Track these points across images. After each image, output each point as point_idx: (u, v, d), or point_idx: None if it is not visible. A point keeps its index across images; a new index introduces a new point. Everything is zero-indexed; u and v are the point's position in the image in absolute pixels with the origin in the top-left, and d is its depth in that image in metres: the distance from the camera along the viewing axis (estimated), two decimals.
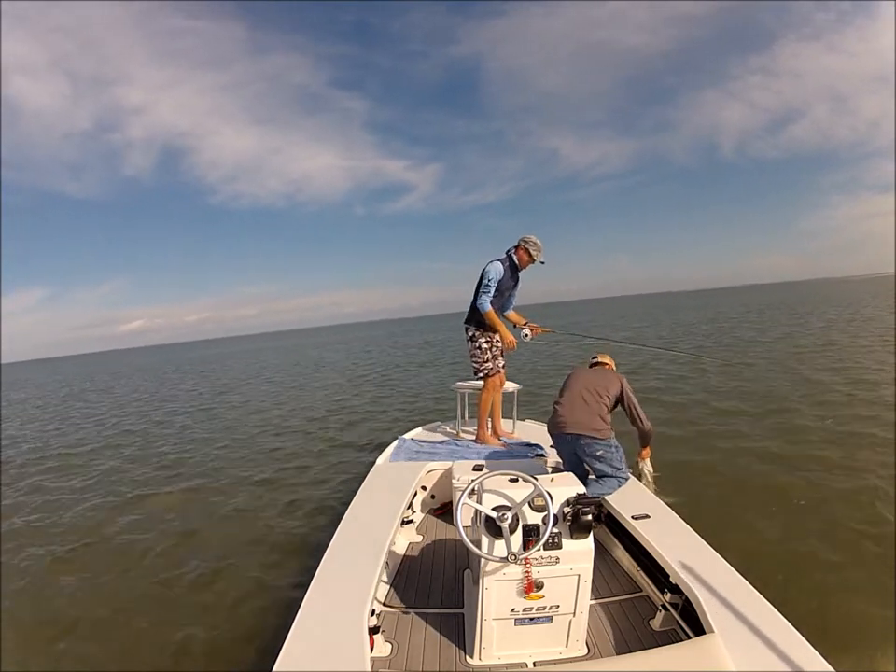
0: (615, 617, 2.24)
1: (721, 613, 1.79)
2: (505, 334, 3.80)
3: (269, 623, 2.85)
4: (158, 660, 2.72)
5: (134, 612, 3.17)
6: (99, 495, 5.69)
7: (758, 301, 42.54)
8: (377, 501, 2.84)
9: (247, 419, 9.66)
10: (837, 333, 14.47)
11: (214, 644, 2.80)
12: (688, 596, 1.97)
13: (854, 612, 2.66)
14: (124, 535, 4.45)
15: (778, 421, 6.18)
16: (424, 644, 2.07)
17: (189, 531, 4.42)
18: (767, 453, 5.06)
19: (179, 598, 3.31)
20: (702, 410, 7.11)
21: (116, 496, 5.58)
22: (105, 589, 3.51)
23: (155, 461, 6.99)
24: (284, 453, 6.87)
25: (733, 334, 16.87)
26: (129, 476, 6.34)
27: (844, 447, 5.03)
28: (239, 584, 3.42)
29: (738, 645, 1.64)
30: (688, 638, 1.94)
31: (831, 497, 3.96)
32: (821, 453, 4.94)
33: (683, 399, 7.78)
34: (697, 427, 6.27)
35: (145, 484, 5.89)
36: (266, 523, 4.45)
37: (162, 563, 3.84)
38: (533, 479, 1.95)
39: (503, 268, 3.76)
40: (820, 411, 6.46)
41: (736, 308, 32.91)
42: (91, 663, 2.73)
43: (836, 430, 5.63)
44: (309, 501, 4.88)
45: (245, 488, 5.46)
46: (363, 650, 1.66)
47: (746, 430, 5.94)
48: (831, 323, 17.83)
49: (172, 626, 2.98)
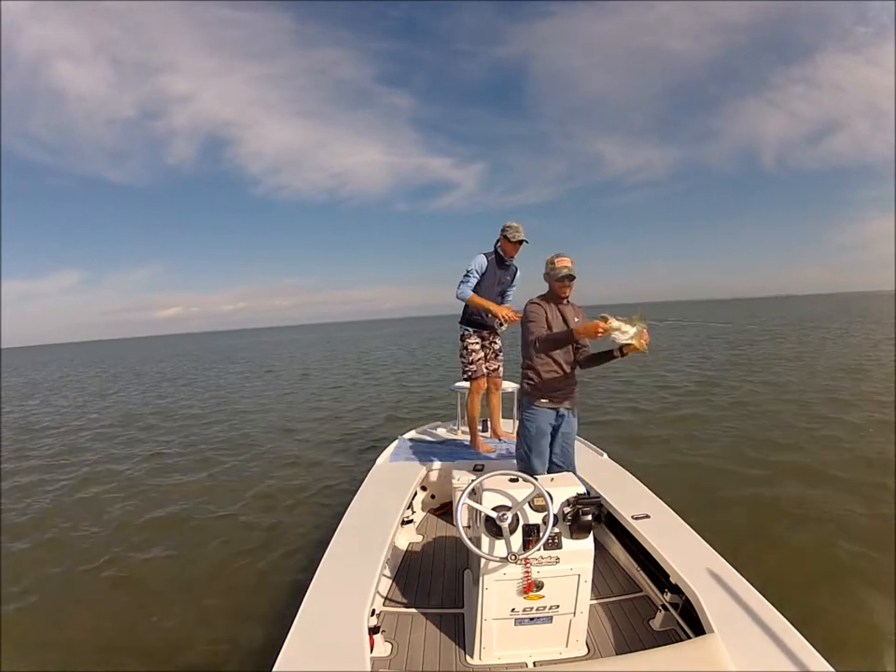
0: (615, 617, 2.25)
1: (721, 613, 1.79)
2: (496, 310, 3.62)
3: (269, 623, 2.85)
4: (156, 660, 2.72)
5: (131, 611, 3.17)
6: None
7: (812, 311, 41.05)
8: (377, 501, 2.84)
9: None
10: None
11: (213, 644, 2.80)
12: (688, 596, 1.97)
13: (854, 612, 2.66)
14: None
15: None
16: (424, 644, 2.07)
17: (187, 529, 4.43)
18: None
19: (177, 598, 3.31)
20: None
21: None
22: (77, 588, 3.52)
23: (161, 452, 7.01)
24: (287, 453, 6.88)
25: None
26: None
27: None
28: (238, 584, 3.43)
29: (738, 645, 1.64)
30: (688, 638, 1.94)
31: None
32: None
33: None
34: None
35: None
36: (266, 523, 4.45)
37: (160, 564, 3.84)
38: (533, 479, 1.95)
39: (486, 260, 3.71)
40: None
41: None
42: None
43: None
44: (309, 501, 4.89)
45: (244, 487, 5.46)
46: (363, 650, 1.66)
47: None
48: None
49: (171, 626, 2.99)
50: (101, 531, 4.53)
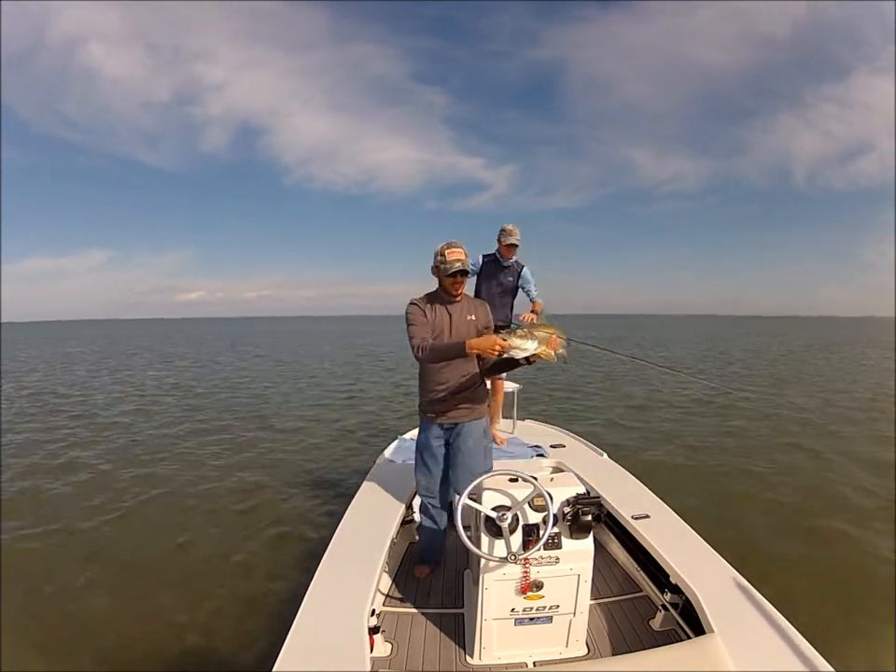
0: (615, 617, 2.25)
1: (721, 613, 1.79)
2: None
3: (269, 623, 2.85)
4: (155, 660, 2.71)
5: (127, 609, 3.17)
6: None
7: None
8: (377, 501, 2.84)
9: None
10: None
11: (213, 644, 2.80)
12: (688, 596, 1.97)
13: (854, 612, 2.66)
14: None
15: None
16: (424, 644, 2.07)
17: (182, 526, 4.42)
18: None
19: (175, 598, 3.30)
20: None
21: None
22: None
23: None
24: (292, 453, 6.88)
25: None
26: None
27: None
28: (238, 584, 3.43)
29: (738, 645, 1.64)
30: (688, 638, 1.94)
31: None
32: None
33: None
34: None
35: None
36: (265, 522, 4.45)
37: (160, 563, 3.83)
38: (533, 479, 1.95)
39: (482, 260, 3.92)
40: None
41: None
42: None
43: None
44: (309, 501, 4.89)
45: (244, 487, 5.46)
46: (363, 650, 1.65)
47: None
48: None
49: (169, 626, 2.98)
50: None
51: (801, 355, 22.29)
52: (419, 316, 2.34)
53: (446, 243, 2.30)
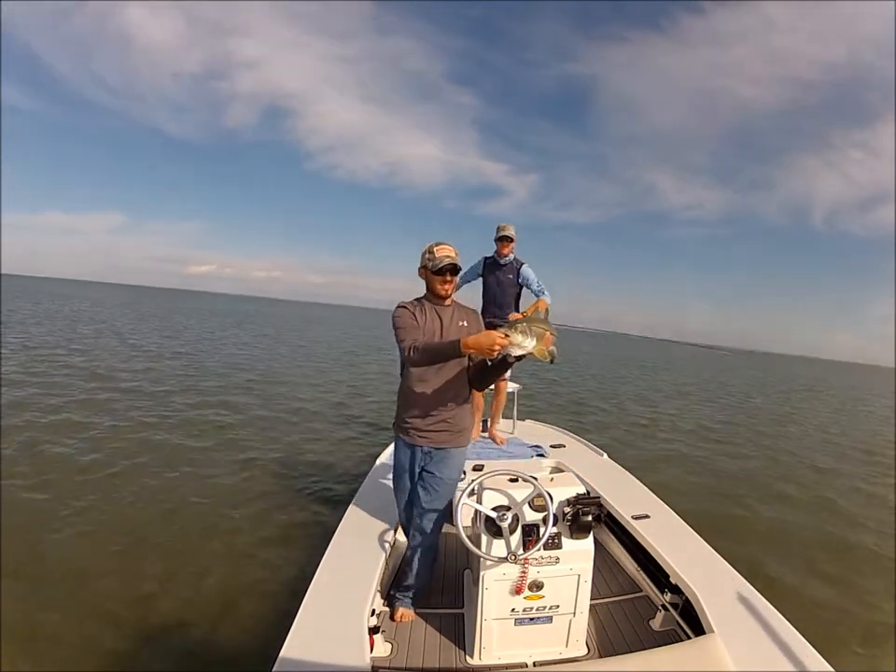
0: (615, 617, 2.25)
1: (721, 613, 1.79)
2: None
3: (269, 623, 2.84)
4: (154, 660, 2.71)
5: (124, 608, 3.15)
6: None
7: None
8: (377, 501, 2.84)
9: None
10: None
11: (213, 644, 2.80)
12: (688, 596, 1.97)
13: (854, 612, 2.66)
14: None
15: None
16: (424, 644, 2.07)
17: (180, 525, 4.41)
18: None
19: (174, 597, 3.29)
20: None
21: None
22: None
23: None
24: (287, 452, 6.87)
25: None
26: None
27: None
28: (237, 584, 3.42)
29: (738, 645, 1.65)
30: (688, 638, 1.94)
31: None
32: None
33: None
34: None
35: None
36: (265, 522, 4.44)
37: (156, 559, 3.83)
38: (533, 479, 1.95)
39: (484, 263, 3.96)
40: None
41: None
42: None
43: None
44: (308, 501, 4.88)
45: (243, 486, 5.45)
46: (363, 650, 1.66)
47: None
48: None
49: (168, 626, 2.98)
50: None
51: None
52: (408, 319, 2.15)
53: (434, 242, 2.15)
